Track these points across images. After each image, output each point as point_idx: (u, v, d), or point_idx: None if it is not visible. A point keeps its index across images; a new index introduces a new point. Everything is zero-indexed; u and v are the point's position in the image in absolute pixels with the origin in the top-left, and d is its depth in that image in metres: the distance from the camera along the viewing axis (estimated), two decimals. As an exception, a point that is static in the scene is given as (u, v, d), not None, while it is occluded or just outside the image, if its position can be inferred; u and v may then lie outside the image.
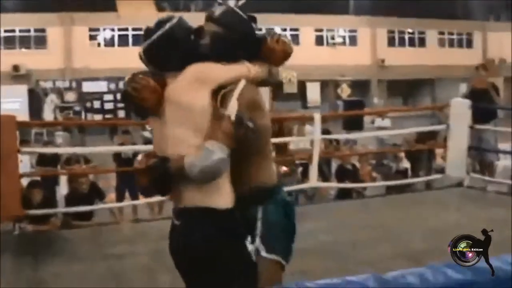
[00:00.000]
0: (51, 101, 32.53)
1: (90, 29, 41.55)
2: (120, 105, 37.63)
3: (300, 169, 12.74)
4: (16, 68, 38.38)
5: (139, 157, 11.83)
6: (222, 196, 3.23)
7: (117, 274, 6.60)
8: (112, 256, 7.19)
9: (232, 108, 3.23)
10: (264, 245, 3.44)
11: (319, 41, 45.60)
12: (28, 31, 40.69)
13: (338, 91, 44.14)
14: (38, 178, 11.06)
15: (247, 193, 3.40)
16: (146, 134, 17.29)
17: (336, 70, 43.28)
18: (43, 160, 13.14)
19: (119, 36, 42.25)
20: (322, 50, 44.88)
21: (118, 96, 37.23)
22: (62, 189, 12.90)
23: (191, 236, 3.24)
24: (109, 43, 42.30)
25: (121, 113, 37.36)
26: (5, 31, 39.82)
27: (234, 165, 3.28)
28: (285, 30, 44.35)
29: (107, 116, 36.67)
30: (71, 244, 7.93)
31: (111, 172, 13.72)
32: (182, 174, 3.15)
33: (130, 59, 27.46)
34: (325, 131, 11.69)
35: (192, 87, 3.21)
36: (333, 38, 45.85)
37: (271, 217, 3.46)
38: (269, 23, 43.52)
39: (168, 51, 3.51)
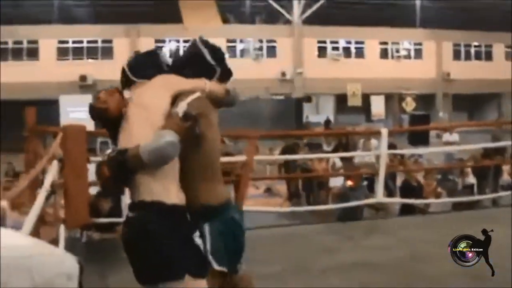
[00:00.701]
0: (117, 111, 32.86)
1: (156, 41, 41.93)
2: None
3: (365, 183, 12.64)
4: (83, 78, 39.02)
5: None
6: (170, 194, 3.55)
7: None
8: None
9: (180, 108, 3.69)
10: (215, 258, 3.76)
11: (384, 54, 45.31)
12: (96, 42, 41.37)
13: (403, 104, 43.74)
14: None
15: (196, 210, 3.72)
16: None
17: (400, 84, 42.91)
18: (110, 170, 13.31)
19: (185, 47, 42.52)
20: (387, 63, 44.59)
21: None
22: (127, 198, 13.04)
23: (143, 226, 3.51)
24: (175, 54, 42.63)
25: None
26: (74, 42, 40.57)
27: (184, 185, 3.68)
28: (349, 43, 44.26)
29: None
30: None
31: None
32: (138, 162, 3.47)
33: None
34: (391, 146, 11.60)
35: (156, 92, 3.73)
36: (398, 51, 45.52)
37: (217, 233, 3.78)
38: (335, 35, 43.61)
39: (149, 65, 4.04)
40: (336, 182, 14.14)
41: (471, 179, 14.25)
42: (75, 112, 35.57)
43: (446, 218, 10.32)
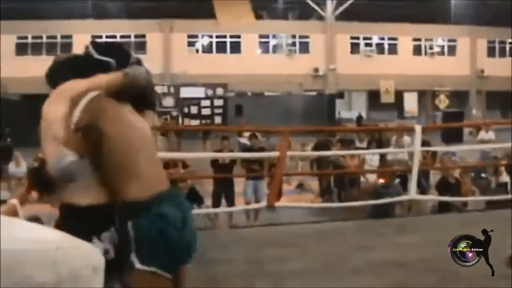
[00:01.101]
0: (149, 105, 32.88)
1: (189, 36, 42.11)
2: (217, 111, 38.01)
3: (398, 180, 12.54)
4: (115, 73, 39.19)
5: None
6: (84, 196, 3.51)
7: (213, 279, 6.61)
8: (209, 261, 7.20)
9: (74, 117, 3.52)
10: (138, 257, 3.55)
11: (417, 50, 45.04)
12: (129, 37, 41.60)
13: (436, 101, 43.49)
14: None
15: (119, 208, 3.59)
16: (243, 140, 17.40)
17: (434, 80, 42.64)
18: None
19: (217, 43, 42.66)
20: (420, 60, 44.33)
21: (215, 102, 37.58)
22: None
23: (62, 228, 3.34)
24: (207, 49, 42.81)
25: (218, 119, 37.70)
26: (107, 36, 40.79)
27: (105, 181, 3.56)
28: (383, 39, 44.04)
29: (204, 121, 36.99)
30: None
31: (208, 178, 13.84)
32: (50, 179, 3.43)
33: (228, 66, 27.86)
34: (424, 143, 11.49)
35: (52, 102, 3.53)
36: (431, 47, 45.22)
37: (142, 230, 3.56)
38: (368, 32, 43.41)
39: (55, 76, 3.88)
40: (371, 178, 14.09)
41: (505, 178, 14.08)
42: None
43: (480, 217, 10.20)
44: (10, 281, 2.30)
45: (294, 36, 43.56)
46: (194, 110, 38.23)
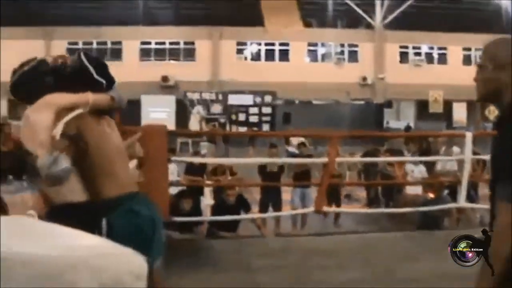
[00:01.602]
0: (197, 112, 33.02)
1: (238, 43, 42.18)
2: (265, 118, 38.04)
3: (446, 192, 12.38)
4: (165, 79, 39.55)
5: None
6: (74, 194, 3.95)
7: (259, 286, 6.60)
8: (256, 269, 7.21)
9: (58, 128, 3.86)
10: None
11: (467, 60, 44.48)
12: (178, 43, 41.82)
13: (486, 112, 42.88)
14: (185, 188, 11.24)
15: (94, 206, 3.96)
16: (291, 149, 17.33)
17: (484, 91, 42.02)
18: (191, 170, 13.44)
19: (266, 50, 42.69)
20: (470, 70, 43.52)
21: (263, 109, 37.60)
22: (207, 199, 13.09)
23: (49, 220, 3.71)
24: (256, 57, 42.84)
25: (266, 127, 37.73)
26: (156, 43, 41.14)
27: (84, 181, 3.96)
28: (432, 48, 43.67)
29: (253, 129, 37.01)
30: (216, 254, 8.00)
31: (256, 186, 13.84)
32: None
33: (276, 74, 27.85)
34: (474, 154, 11.34)
35: (39, 110, 3.87)
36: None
37: (120, 227, 3.87)
38: (417, 41, 43.07)
39: (28, 86, 4.16)
40: (413, 190, 13.93)
41: None
42: (156, 112, 36.20)
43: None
44: None
45: (342, 45, 43.37)
46: (242, 117, 38.35)
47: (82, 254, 2.39)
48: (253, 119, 38.30)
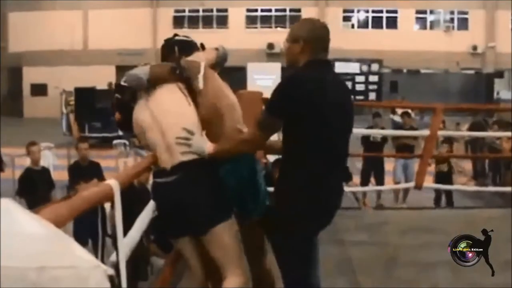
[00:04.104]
0: (305, 79, 32.85)
1: (344, 10, 41.71)
2: (372, 87, 37.62)
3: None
4: (270, 46, 39.49)
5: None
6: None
7: (349, 261, 6.37)
8: (349, 242, 6.97)
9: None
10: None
11: None
12: (284, 10, 41.64)
13: None
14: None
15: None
16: (396, 118, 16.95)
17: None
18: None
19: (373, 18, 42.06)
20: None
21: (370, 78, 37.20)
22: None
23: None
24: (363, 25, 42.26)
25: (372, 95, 37.32)
26: (262, 10, 41.07)
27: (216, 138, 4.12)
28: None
29: (358, 97, 36.71)
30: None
31: (358, 156, 13.55)
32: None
33: (384, 42, 27.36)
34: None
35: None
36: None
37: (240, 178, 4.24)
38: None
39: None
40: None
41: None
42: (262, 79, 36.23)
43: None
44: None
45: (452, 12, 42.27)
46: (348, 85, 37.96)
47: (19, 265, 1.67)
48: (360, 87, 38.03)
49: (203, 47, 4.61)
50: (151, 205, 4.83)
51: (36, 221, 1.84)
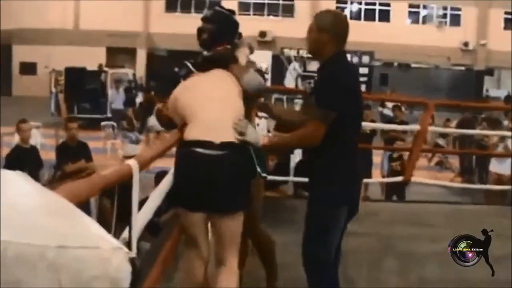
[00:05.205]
0: (293, 69, 32.75)
1: (338, 2, 41.70)
2: (362, 79, 37.66)
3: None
4: (262, 34, 39.45)
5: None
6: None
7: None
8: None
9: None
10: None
11: None
12: (278, -1, 41.71)
13: None
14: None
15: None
16: (386, 111, 16.98)
17: None
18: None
19: (366, 10, 42.10)
20: None
21: (360, 70, 37.29)
22: (296, 157, 12.84)
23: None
24: (356, 16, 42.26)
25: (362, 87, 37.28)
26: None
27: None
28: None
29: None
30: (299, 215, 7.79)
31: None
32: None
33: (375, 34, 27.37)
34: None
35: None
36: None
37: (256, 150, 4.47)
38: None
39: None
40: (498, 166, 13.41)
41: None
42: (252, 67, 36.21)
43: None
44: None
45: (445, 8, 42.37)
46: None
47: (37, 242, 1.56)
48: (350, 78, 38.10)
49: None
50: (165, 183, 4.85)
51: (54, 196, 1.81)
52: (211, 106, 4.27)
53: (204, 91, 4.41)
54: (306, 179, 4.49)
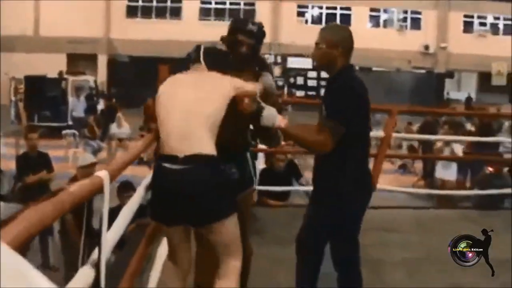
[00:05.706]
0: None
1: (299, 6, 41.81)
2: (324, 83, 37.81)
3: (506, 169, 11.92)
4: (224, 39, 39.44)
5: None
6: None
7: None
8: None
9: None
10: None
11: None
12: (238, 4, 42.17)
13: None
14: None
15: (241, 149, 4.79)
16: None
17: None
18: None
19: (327, 14, 42.24)
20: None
21: (322, 73, 37.39)
22: (259, 164, 12.73)
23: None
24: (317, 20, 42.39)
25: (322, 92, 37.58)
26: (216, 3, 41.25)
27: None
28: (498, 19, 42.71)
29: (310, 93, 36.91)
30: (263, 224, 7.74)
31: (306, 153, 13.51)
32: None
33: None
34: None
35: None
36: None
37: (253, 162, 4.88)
38: (483, 11, 42.11)
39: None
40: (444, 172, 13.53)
41: None
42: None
43: None
44: None
45: (406, 12, 42.69)
46: (300, 81, 38.33)
47: None
48: (312, 83, 38.29)
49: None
50: (137, 196, 4.68)
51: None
52: (176, 115, 4.14)
53: (178, 94, 4.26)
54: (269, 188, 4.61)
